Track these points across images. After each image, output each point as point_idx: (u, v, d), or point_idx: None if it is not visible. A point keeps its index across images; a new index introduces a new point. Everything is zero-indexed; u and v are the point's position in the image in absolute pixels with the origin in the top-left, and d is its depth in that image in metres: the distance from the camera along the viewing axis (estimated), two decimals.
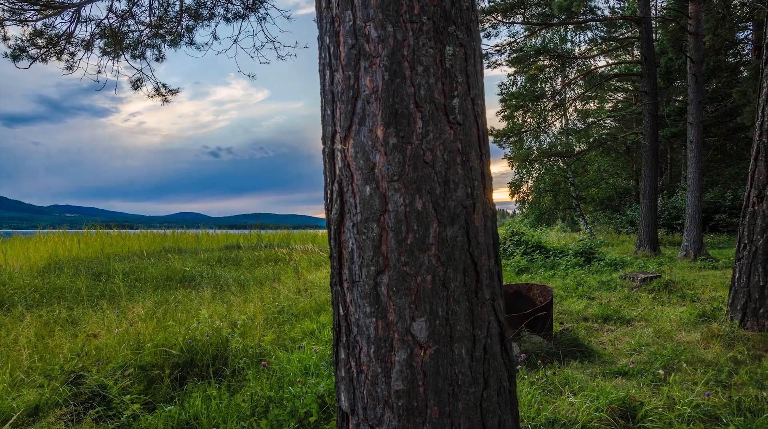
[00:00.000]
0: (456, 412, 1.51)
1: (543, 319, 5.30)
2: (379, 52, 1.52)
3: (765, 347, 4.78)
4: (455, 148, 1.56)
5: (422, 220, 1.52)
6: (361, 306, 1.56)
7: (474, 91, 1.63)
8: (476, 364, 1.56)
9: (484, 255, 1.62)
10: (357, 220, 1.56)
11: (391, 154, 1.51)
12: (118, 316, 6.03)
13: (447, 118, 1.55)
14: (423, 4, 1.52)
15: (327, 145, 1.67)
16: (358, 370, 1.58)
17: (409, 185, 1.51)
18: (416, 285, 1.51)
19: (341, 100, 1.59)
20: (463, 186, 1.56)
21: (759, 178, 5.09)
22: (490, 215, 1.65)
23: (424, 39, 1.53)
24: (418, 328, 1.51)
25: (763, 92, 5.11)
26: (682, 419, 3.34)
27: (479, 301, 1.59)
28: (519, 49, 17.73)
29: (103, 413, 3.68)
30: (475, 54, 1.65)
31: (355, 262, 1.57)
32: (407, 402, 1.50)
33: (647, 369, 4.43)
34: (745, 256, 5.23)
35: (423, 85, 1.52)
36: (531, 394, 3.76)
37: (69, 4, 6.10)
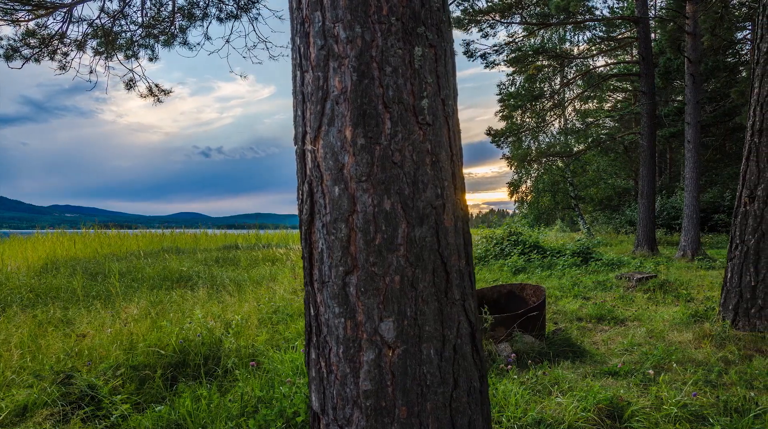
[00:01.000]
0: (424, 412, 1.52)
1: (535, 319, 5.31)
2: (347, 52, 1.53)
3: (756, 347, 4.78)
4: (424, 148, 1.56)
5: (390, 220, 1.52)
6: (331, 306, 1.56)
7: (445, 92, 1.63)
8: (446, 365, 1.57)
9: (455, 255, 1.62)
10: (326, 220, 1.56)
11: (360, 154, 1.52)
12: (113, 317, 6.04)
13: (416, 119, 1.55)
14: (391, 5, 1.53)
15: (298, 146, 1.67)
16: (328, 371, 1.58)
17: (378, 186, 1.51)
18: (384, 285, 1.52)
19: (311, 100, 1.59)
20: (432, 186, 1.57)
21: (750, 178, 5.09)
22: (461, 216, 1.66)
23: (393, 40, 1.53)
24: (385, 328, 1.51)
25: (754, 92, 5.11)
26: (668, 419, 3.34)
27: (449, 301, 1.59)
28: (517, 49, 17.73)
29: (92, 413, 3.68)
30: (446, 55, 1.65)
31: (325, 263, 1.57)
32: (375, 402, 1.51)
33: (638, 369, 4.43)
34: (737, 256, 5.23)
35: (391, 85, 1.53)
36: (520, 394, 3.76)
37: (60, 5, 6.11)
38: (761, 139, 5.00)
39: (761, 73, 5.02)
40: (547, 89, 20.88)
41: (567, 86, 20.46)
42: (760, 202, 5.00)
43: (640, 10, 14.88)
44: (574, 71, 21.06)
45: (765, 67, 4.99)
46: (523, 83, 21.32)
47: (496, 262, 12.64)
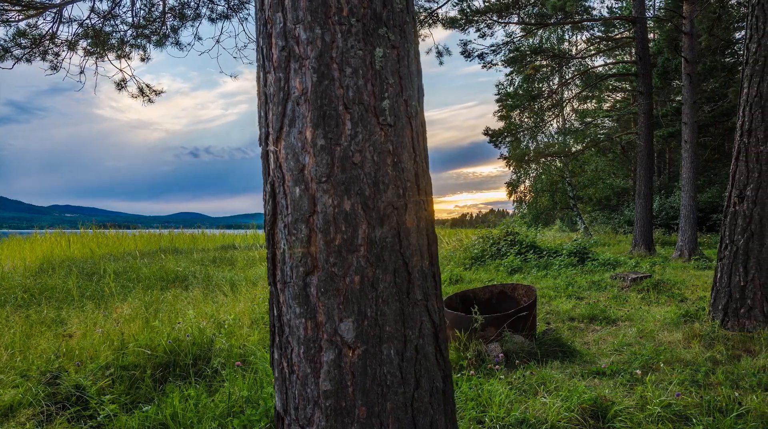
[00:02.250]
0: (384, 412, 1.52)
1: (525, 319, 5.31)
2: (308, 53, 1.53)
3: (744, 347, 4.78)
4: (386, 149, 1.57)
5: (350, 221, 1.52)
6: (292, 307, 1.57)
7: (408, 93, 1.63)
8: (407, 365, 1.57)
9: (417, 256, 1.62)
10: (288, 221, 1.57)
11: (320, 155, 1.52)
12: (105, 317, 6.04)
13: (377, 120, 1.56)
14: (352, 7, 1.53)
15: (262, 147, 1.68)
16: (290, 371, 1.59)
17: (338, 186, 1.52)
18: (345, 286, 1.52)
19: (273, 101, 1.60)
20: (393, 187, 1.57)
21: (740, 178, 5.09)
22: (424, 216, 1.66)
23: (353, 41, 1.54)
24: (345, 328, 1.52)
25: (743, 93, 5.11)
26: (651, 419, 3.34)
27: (411, 301, 1.60)
28: (515, 49, 17.72)
29: (79, 414, 3.68)
30: (409, 55, 1.66)
31: (287, 263, 1.58)
32: (335, 402, 1.51)
33: (626, 369, 4.43)
34: (726, 256, 5.24)
35: (351, 86, 1.53)
36: (505, 394, 3.77)
37: (50, 5, 6.12)
38: (750, 140, 5.00)
39: (750, 73, 5.02)
40: (546, 89, 20.88)
41: (565, 86, 20.46)
42: (750, 202, 5.00)
43: (637, 10, 14.88)
44: (572, 71, 21.06)
45: (754, 67, 4.99)
46: (521, 83, 21.31)
47: (492, 262, 12.64)
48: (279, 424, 1.65)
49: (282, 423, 1.63)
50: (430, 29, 11.64)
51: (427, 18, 11.61)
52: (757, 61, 4.96)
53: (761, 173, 4.94)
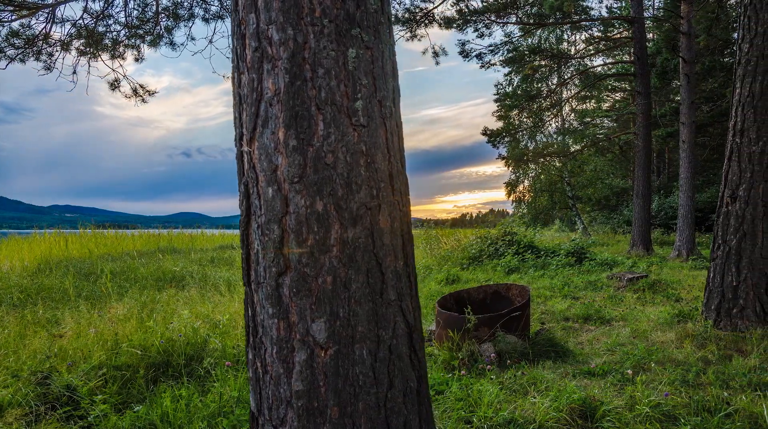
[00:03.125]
0: (357, 412, 1.52)
1: (518, 319, 5.31)
2: (280, 54, 1.53)
3: (736, 347, 4.77)
4: (359, 149, 1.57)
5: (323, 221, 1.53)
6: (265, 307, 1.57)
7: (382, 93, 1.63)
8: (380, 365, 1.57)
9: (390, 256, 1.62)
10: (261, 221, 1.57)
11: (292, 156, 1.52)
12: (100, 317, 6.05)
13: (350, 121, 1.56)
14: (324, 7, 1.53)
15: (237, 147, 1.68)
16: (264, 371, 1.59)
17: (310, 187, 1.52)
18: (317, 286, 1.52)
19: (246, 102, 1.60)
20: (367, 187, 1.57)
21: (732, 178, 5.09)
22: (398, 216, 1.66)
23: (326, 42, 1.54)
24: (317, 329, 1.52)
25: (736, 93, 5.11)
26: (639, 419, 3.34)
27: (384, 302, 1.60)
28: (514, 49, 17.72)
29: (70, 414, 3.68)
30: (384, 56, 1.66)
31: (260, 264, 1.58)
32: (307, 402, 1.51)
33: (617, 369, 4.43)
34: (719, 256, 5.23)
35: (324, 87, 1.53)
36: (495, 393, 3.77)
37: (43, 5, 6.12)
38: (743, 139, 5.00)
39: (743, 73, 5.02)
40: (545, 89, 20.86)
41: (564, 86, 20.45)
42: (742, 202, 5.00)
43: (635, 10, 14.88)
44: (571, 71, 21.05)
45: (746, 67, 4.99)
46: (520, 83, 21.30)
47: (489, 262, 12.63)
48: (253, 424, 1.65)
49: (256, 423, 1.63)
50: (426, 29, 11.62)
51: (422, 18, 11.60)
52: (750, 61, 4.96)
53: (753, 173, 4.93)
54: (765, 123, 4.87)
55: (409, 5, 10.90)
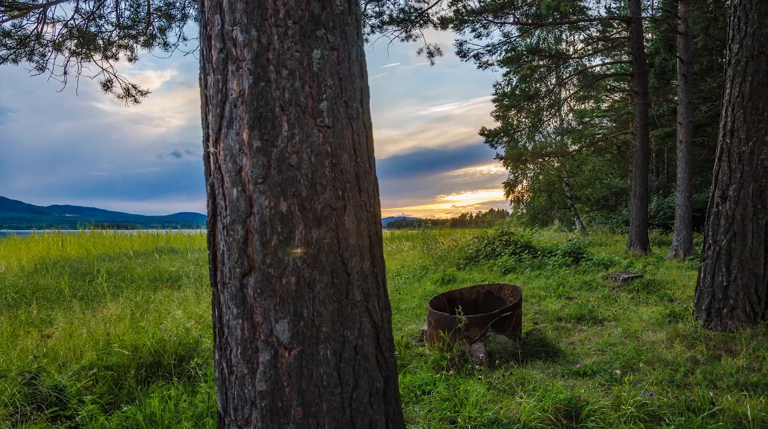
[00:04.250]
0: (321, 412, 1.53)
1: (509, 319, 5.31)
2: (244, 55, 1.54)
3: (726, 347, 4.77)
4: (324, 150, 1.57)
5: (287, 222, 1.53)
6: (230, 307, 1.58)
7: (348, 94, 1.63)
8: (345, 366, 1.57)
9: (356, 256, 1.63)
10: (226, 222, 1.57)
11: (256, 157, 1.53)
12: (93, 317, 6.05)
13: (315, 121, 1.56)
14: (289, 9, 1.53)
15: (204, 148, 1.69)
16: (229, 372, 1.59)
17: (274, 188, 1.52)
18: (281, 287, 1.52)
19: (212, 103, 1.61)
20: (332, 188, 1.57)
21: (723, 178, 5.09)
22: (365, 217, 1.66)
23: (290, 43, 1.54)
24: (280, 329, 1.52)
25: (726, 93, 5.11)
26: (624, 419, 3.34)
27: (350, 302, 1.60)
28: (512, 49, 17.70)
29: (57, 414, 3.69)
30: (351, 57, 1.66)
31: (226, 264, 1.59)
32: (271, 402, 1.52)
33: (606, 369, 4.43)
34: (709, 257, 5.23)
35: (288, 88, 1.54)
36: (482, 393, 3.77)
37: (34, 5, 6.13)
38: (733, 140, 5.00)
39: (733, 73, 5.02)
40: (543, 89, 20.85)
41: (562, 86, 20.45)
42: (732, 203, 5.00)
43: (632, 11, 14.88)
44: (569, 71, 21.04)
45: (736, 67, 4.99)
46: (518, 83, 21.29)
47: (486, 262, 12.63)
48: (220, 425, 1.66)
49: (223, 423, 1.64)
50: (421, 29, 11.62)
51: (417, 18, 11.60)
52: (739, 61, 4.96)
53: (743, 173, 4.94)
54: (755, 123, 4.87)
55: (404, 5, 10.90)
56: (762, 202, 4.90)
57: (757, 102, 4.84)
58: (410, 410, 3.58)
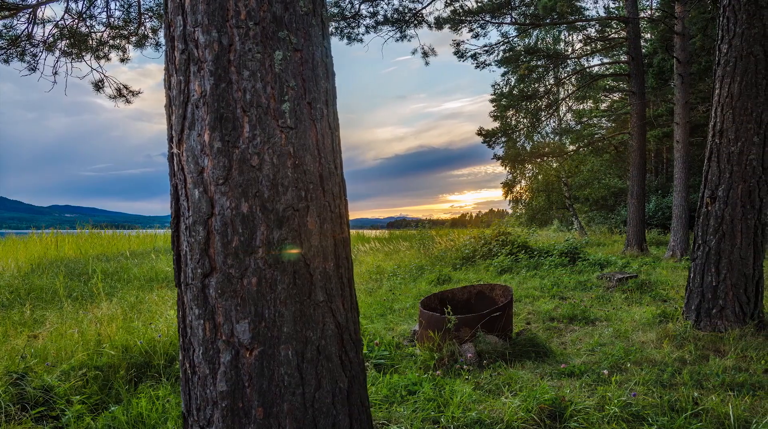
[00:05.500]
0: (282, 413, 1.53)
1: (498, 319, 5.31)
2: (206, 57, 1.54)
3: (714, 347, 4.77)
4: (286, 151, 1.57)
5: (248, 223, 1.53)
6: (193, 308, 1.58)
7: (312, 95, 1.64)
8: (308, 366, 1.58)
9: (319, 257, 1.63)
10: (189, 223, 1.58)
11: (217, 158, 1.53)
12: (85, 316, 6.06)
13: (277, 123, 1.56)
14: (250, 10, 1.54)
15: (168, 149, 1.69)
16: (192, 372, 1.60)
17: (236, 189, 1.52)
18: (242, 287, 1.53)
19: (175, 104, 1.61)
20: (294, 189, 1.58)
21: (712, 178, 5.09)
22: (329, 218, 1.66)
23: (251, 44, 1.54)
24: (241, 330, 1.52)
25: (716, 94, 5.11)
26: (607, 419, 3.34)
27: (312, 302, 1.60)
28: (510, 49, 17.70)
29: (43, 414, 3.69)
30: (315, 58, 1.66)
31: (188, 265, 1.59)
32: (232, 403, 1.52)
33: (594, 369, 4.43)
34: (699, 257, 5.23)
35: (249, 89, 1.54)
36: (467, 394, 3.77)
37: (24, 6, 6.14)
38: (722, 140, 5.00)
39: (722, 74, 5.02)
40: (542, 89, 20.84)
41: (561, 86, 20.44)
42: (721, 203, 5.00)
43: (629, 11, 14.87)
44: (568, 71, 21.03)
45: (725, 68, 4.99)
46: (516, 83, 21.29)
47: (483, 262, 12.63)
48: (185, 425, 1.66)
49: (186, 424, 1.64)
50: (416, 29, 11.63)
51: (411, 18, 11.61)
52: (728, 62, 4.96)
53: (732, 174, 4.93)
54: (744, 124, 4.87)
55: (398, 5, 10.91)
56: (751, 203, 4.90)
57: (746, 102, 4.84)
58: (394, 410, 3.58)
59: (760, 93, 4.83)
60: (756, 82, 4.83)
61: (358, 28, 10.97)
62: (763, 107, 4.83)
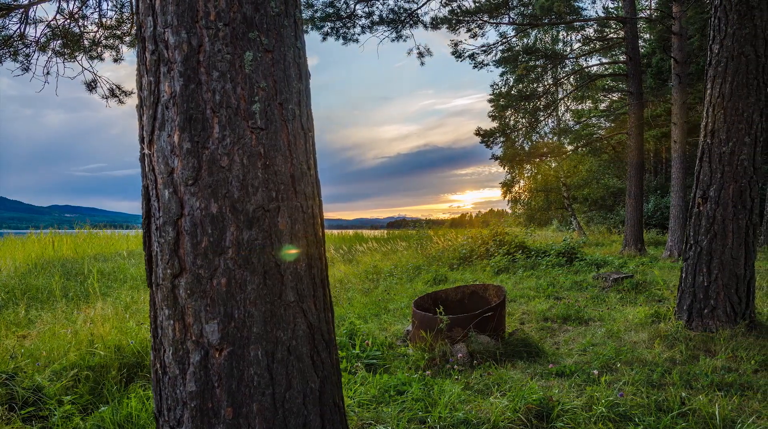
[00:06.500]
0: (251, 413, 1.53)
1: (491, 319, 5.31)
2: (175, 58, 1.54)
3: (705, 347, 4.77)
4: (256, 152, 1.58)
5: (217, 223, 1.54)
6: (163, 309, 1.58)
7: (283, 96, 1.64)
8: (278, 366, 1.58)
9: (290, 257, 1.63)
10: (159, 223, 1.58)
11: (186, 158, 1.53)
12: (78, 316, 6.06)
13: (247, 123, 1.57)
14: (219, 11, 1.54)
15: (140, 149, 1.70)
16: (163, 372, 1.60)
17: (205, 189, 1.53)
18: (212, 288, 1.53)
19: (146, 104, 1.61)
20: (264, 189, 1.58)
21: (704, 178, 5.09)
22: (301, 218, 1.67)
23: (221, 45, 1.55)
24: (210, 330, 1.53)
25: (707, 94, 5.11)
26: (594, 419, 3.34)
27: (283, 303, 1.61)
28: (509, 49, 17.71)
29: (33, 414, 3.69)
30: (287, 59, 1.67)
31: (159, 265, 1.59)
32: (201, 403, 1.52)
33: (585, 369, 4.43)
34: (691, 257, 5.23)
35: (219, 90, 1.54)
36: (456, 394, 3.78)
37: (16, 5, 6.15)
38: (713, 140, 5.00)
39: (713, 74, 5.02)
40: (541, 89, 20.83)
41: (559, 86, 20.43)
42: (713, 203, 5.00)
43: (627, 11, 14.87)
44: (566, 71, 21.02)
45: (717, 68, 4.99)
46: (514, 83, 21.29)
47: (480, 262, 12.64)
48: (156, 426, 1.66)
49: (158, 424, 1.65)
50: (412, 30, 11.63)
51: (407, 18, 11.61)
52: (720, 62, 4.96)
53: (724, 174, 4.93)
54: (735, 124, 4.87)
55: (393, 5, 10.91)
56: (742, 203, 4.90)
57: (737, 103, 4.84)
58: (381, 410, 3.58)
59: (751, 93, 4.83)
60: (747, 82, 4.83)
61: (353, 29, 10.97)
62: (754, 107, 4.84)
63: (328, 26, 10.89)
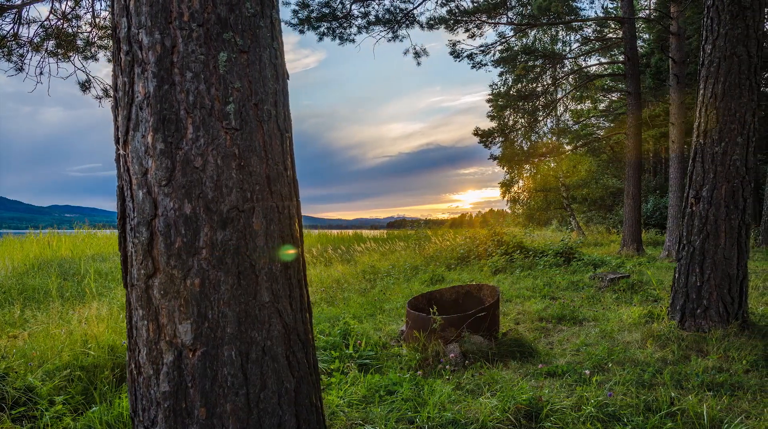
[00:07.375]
0: (225, 413, 1.54)
1: (484, 319, 5.31)
2: (149, 58, 1.55)
3: (697, 347, 4.77)
4: (231, 152, 1.58)
5: (191, 224, 1.54)
6: (137, 309, 1.59)
7: (259, 97, 1.64)
8: (253, 366, 1.58)
9: (265, 258, 1.63)
10: (134, 224, 1.59)
11: (160, 159, 1.54)
12: (73, 316, 6.06)
13: (222, 124, 1.57)
14: (193, 12, 1.54)
15: (115, 150, 1.70)
16: (137, 372, 1.60)
17: (179, 190, 1.53)
18: (185, 288, 1.53)
19: (121, 105, 1.62)
20: (239, 190, 1.58)
21: (696, 178, 5.09)
22: (277, 219, 1.67)
23: (194, 46, 1.55)
24: (183, 330, 1.53)
25: (700, 94, 5.11)
26: (583, 419, 3.34)
27: (258, 303, 1.61)
28: (507, 49, 17.70)
29: (24, 414, 3.69)
30: (262, 60, 1.67)
31: (134, 266, 1.60)
32: (174, 403, 1.53)
33: (577, 369, 4.42)
34: (683, 257, 5.23)
35: (192, 91, 1.55)
36: (446, 394, 3.77)
37: (9, 6, 6.15)
38: (706, 140, 5.00)
39: (706, 74, 5.02)
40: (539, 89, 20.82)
41: (558, 86, 20.43)
42: (705, 203, 5.00)
43: (625, 11, 14.87)
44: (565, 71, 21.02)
45: (709, 68, 4.99)
46: (513, 83, 21.29)
47: (477, 262, 12.64)
48: (132, 426, 1.67)
49: (133, 425, 1.65)
50: (408, 30, 11.63)
51: (403, 19, 11.61)
52: (712, 62, 4.96)
53: (716, 174, 4.93)
54: (727, 124, 4.87)
55: (389, 6, 10.91)
56: (734, 203, 4.90)
57: (730, 103, 4.84)
58: (370, 410, 3.58)
59: (743, 93, 4.83)
60: (739, 82, 4.83)
61: (350, 29, 10.97)
62: (746, 108, 4.84)
63: (324, 26, 10.89)
